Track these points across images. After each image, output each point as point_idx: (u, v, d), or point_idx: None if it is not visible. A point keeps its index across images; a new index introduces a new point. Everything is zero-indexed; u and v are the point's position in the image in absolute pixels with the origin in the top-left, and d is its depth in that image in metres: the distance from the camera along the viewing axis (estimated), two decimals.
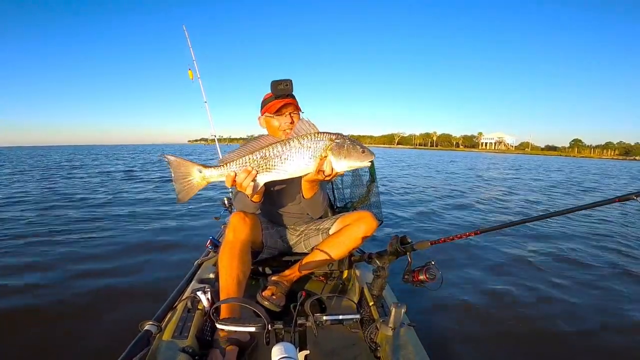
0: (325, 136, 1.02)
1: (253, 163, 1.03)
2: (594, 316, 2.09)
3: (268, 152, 1.02)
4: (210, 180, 1.06)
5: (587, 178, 13.67)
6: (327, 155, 1.02)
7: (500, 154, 67.92)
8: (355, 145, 1.03)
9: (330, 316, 0.95)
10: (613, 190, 9.13)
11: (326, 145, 1.02)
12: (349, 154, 1.02)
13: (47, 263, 2.75)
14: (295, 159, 1.02)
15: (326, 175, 1.06)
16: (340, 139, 1.03)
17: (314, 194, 1.32)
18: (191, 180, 1.05)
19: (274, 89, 1.42)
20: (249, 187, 1.04)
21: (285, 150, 1.02)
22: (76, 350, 1.66)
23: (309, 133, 1.03)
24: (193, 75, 2.86)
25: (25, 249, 3.09)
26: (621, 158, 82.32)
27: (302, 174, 1.06)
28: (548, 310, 2.16)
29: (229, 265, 1.26)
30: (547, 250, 3.33)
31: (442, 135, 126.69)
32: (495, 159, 30.42)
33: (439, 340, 1.77)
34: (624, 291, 2.45)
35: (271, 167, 1.03)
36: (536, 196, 7.48)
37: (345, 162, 1.03)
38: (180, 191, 1.05)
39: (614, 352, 1.77)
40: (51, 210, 4.93)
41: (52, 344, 1.70)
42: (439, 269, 1.22)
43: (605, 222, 4.75)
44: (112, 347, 1.06)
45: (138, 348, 1.03)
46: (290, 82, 1.42)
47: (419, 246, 1.26)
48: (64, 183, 8.41)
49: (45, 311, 2.00)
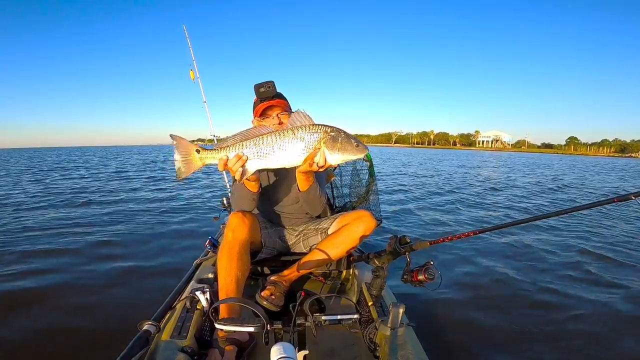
0: (320, 128, 1.04)
1: (246, 149, 1.06)
2: (596, 315, 2.09)
3: (262, 140, 1.05)
4: (205, 161, 1.11)
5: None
6: (321, 147, 1.03)
7: (497, 152, 68.33)
8: (350, 139, 1.04)
9: (329, 316, 0.95)
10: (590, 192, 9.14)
11: (320, 138, 1.03)
12: (343, 147, 1.04)
13: (46, 263, 2.74)
14: (288, 149, 1.04)
15: (319, 167, 1.07)
16: (335, 132, 1.04)
17: (309, 186, 1.32)
18: (190, 159, 1.11)
19: (257, 93, 1.43)
20: (238, 172, 1.08)
21: (279, 140, 1.04)
22: (75, 350, 1.65)
23: (304, 125, 1.04)
24: (194, 76, 2.86)
25: (26, 249, 3.09)
26: (617, 155, 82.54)
27: (295, 164, 1.08)
28: (548, 309, 2.16)
29: (228, 266, 1.26)
30: (547, 250, 3.34)
31: (439, 133, 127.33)
32: (491, 157, 30.53)
33: (438, 340, 1.77)
34: (623, 293, 2.46)
35: (264, 154, 1.05)
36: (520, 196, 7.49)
37: (339, 155, 1.04)
38: (179, 168, 1.12)
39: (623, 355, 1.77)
40: (51, 210, 4.92)
41: (52, 343, 1.70)
42: (438, 269, 1.22)
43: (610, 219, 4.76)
44: (111, 347, 1.06)
45: (137, 348, 1.03)
46: (272, 83, 1.42)
47: (418, 246, 1.26)
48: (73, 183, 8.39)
49: (46, 311, 2.00)
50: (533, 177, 11.48)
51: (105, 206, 5.31)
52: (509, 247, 3.39)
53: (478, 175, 12.20)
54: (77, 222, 4.16)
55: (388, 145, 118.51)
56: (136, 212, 4.87)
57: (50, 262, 2.77)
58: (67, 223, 4.11)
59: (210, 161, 1.11)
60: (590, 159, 41.58)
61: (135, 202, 5.77)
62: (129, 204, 5.50)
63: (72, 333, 1.78)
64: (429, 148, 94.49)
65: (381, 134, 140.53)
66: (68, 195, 6.32)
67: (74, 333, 1.78)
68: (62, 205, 5.41)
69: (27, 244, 3.25)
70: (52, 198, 6.04)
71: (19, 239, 3.43)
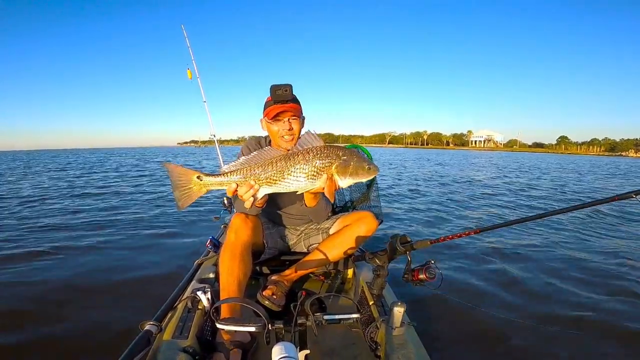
0: (331, 152, 0.99)
1: (255, 176, 1.00)
2: (597, 314, 2.09)
3: (272, 166, 0.99)
4: (210, 187, 1.05)
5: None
6: (333, 173, 0.99)
7: (489, 152, 68.75)
8: (362, 163, 1.00)
9: (330, 315, 0.95)
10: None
11: (331, 163, 0.98)
12: (355, 171, 1.00)
13: (47, 260, 2.75)
14: (299, 176, 0.99)
15: (329, 191, 1.02)
16: (347, 156, 0.99)
17: (316, 202, 1.31)
18: (191, 188, 1.04)
19: (273, 94, 1.39)
20: (249, 201, 1.03)
21: (289, 165, 0.98)
22: (77, 350, 1.66)
23: (314, 148, 0.99)
24: (192, 75, 2.85)
25: (25, 246, 3.10)
26: (607, 154, 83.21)
27: (305, 189, 1.03)
28: (549, 309, 2.16)
29: (230, 267, 1.26)
30: (549, 248, 3.34)
31: (432, 134, 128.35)
32: (491, 157, 30.64)
33: (439, 339, 1.77)
34: (626, 289, 2.46)
35: (273, 181, 1.00)
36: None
37: (350, 179, 1.01)
38: (180, 198, 1.05)
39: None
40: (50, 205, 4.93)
41: (52, 344, 1.70)
42: (439, 268, 1.22)
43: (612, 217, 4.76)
44: (113, 347, 1.06)
45: (138, 348, 1.03)
46: (289, 87, 1.38)
47: (418, 245, 1.26)
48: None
49: (45, 311, 2.00)
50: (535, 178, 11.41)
51: (105, 206, 5.32)
52: (511, 246, 3.38)
53: (477, 175, 12.20)
54: (76, 222, 4.17)
55: (382, 145, 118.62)
56: (136, 212, 4.88)
57: (51, 262, 2.78)
58: (66, 222, 4.13)
59: (215, 187, 1.04)
60: (580, 158, 41.65)
61: (135, 201, 5.78)
62: (129, 204, 5.51)
63: (73, 333, 1.78)
64: (422, 148, 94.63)
65: (375, 135, 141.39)
66: (65, 191, 6.33)
67: (75, 333, 1.78)
68: (63, 205, 5.42)
69: (32, 241, 3.27)
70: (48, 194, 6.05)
71: (24, 236, 3.44)
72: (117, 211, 4.95)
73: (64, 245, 3.23)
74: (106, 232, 3.75)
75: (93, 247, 3.20)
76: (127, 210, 5.05)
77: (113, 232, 3.72)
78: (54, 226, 3.99)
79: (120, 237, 3.53)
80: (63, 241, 3.36)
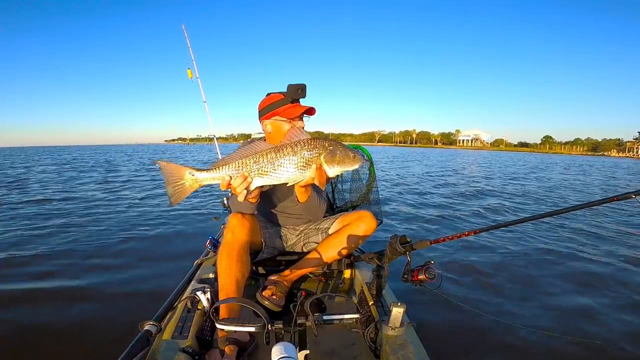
0: (318, 143, 1.04)
1: (246, 168, 1.04)
2: (598, 315, 2.09)
3: (262, 157, 1.04)
4: (202, 182, 1.08)
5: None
6: (321, 163, 1.04)
7: (476, 151, 69.48)
8: (347, 152, 1.06)
9: (330, 316, 0.95)
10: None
11: (319, 153, 1.03)
12: (342, 160, 1.05)
13: (46, 260, 2.75)
14: (289, 167, 1.04)
15: (319, 181, 1.07)
16: (333, 146, 1.05)
17: (307, 197, 1.32)
18: (183, 184, 1.07)
19: (293, 93, 1.42)
20: (242, 193, 1.06)
21: (279, 157, 1.03)
22: (76, 350, 1.66)
23: (301, 140, 1.04)
24: (192, 75, 2.86)
25: (26, 245, 3.09)
26: (590, 154, 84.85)
27: (295, 180, 1.07)
28: (549, 308, 2.16)
29: (228, 267, 1.26)
30: (547, 248, 3.34)
31: (421, 132, 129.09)
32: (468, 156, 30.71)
33: (439, 339, 1.77)
34: (624, 291, 2.46)
35: (264, 172, 1.04)
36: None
37: (338, 168, 1.06)
38: (172, 194, 1.07)
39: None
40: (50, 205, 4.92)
41: (53, 344, 1.70)
42: (439, 269, 1.22)
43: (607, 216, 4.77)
44: (112, 347, 1.06)
45: (138, 348, 1.03)
46: (306, 86, 1.44)
47: (418, 245, 1.26)
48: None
49: (47, 311, 2.00)
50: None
51: (105, 205, 5.32)
52: (511, 246, 3.38)
53: (477, 176, 12.20)
54: (74, 221, 4.17)
55: (371, 144, 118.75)
56: (136, 211, 4.88)
57: (50, 262, 2.77)
58: (65, 222, 4.12)
59: (208, 182, 1.08)
60: (563, 158, 41.82)
61: (135, 201, 5.78)
62: (129, 204, 5.51)
63: (73, 333, 1.78)
64: (410, 147, 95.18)
65: (364, 133, 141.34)
66: (64, 194, 6.33)
67: (75, 333, 1.78)
68: (62, 204, 5.41)
69: (35, 244, 3.26)
70: (47, 193, 6.05)
71: (28, 239, 3.44)
72: (117, 211, 4.94)
73: (65, 244, 3.24)
74: (106, 232, 3.75)
75: (93, 246, 3.20)
76: (127, 210, 5.05)
77: (113, 232, 3.72)
78: (54, 226, 3.99)
79: (120, 237, 3.53)
80: (62, 243, 3.36)
